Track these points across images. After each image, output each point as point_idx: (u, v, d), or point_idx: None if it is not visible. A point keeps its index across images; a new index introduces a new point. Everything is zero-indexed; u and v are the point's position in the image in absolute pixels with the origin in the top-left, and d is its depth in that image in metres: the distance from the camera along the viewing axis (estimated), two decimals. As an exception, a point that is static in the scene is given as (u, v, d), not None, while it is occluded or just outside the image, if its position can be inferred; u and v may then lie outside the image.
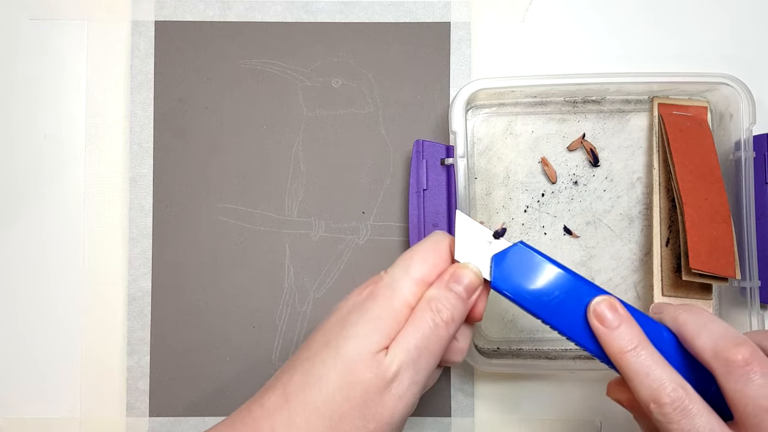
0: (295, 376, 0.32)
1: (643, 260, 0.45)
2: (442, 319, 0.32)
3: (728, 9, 0.46)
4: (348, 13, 0.46)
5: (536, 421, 0.45)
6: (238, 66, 0.46)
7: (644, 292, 0.45)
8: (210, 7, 0.46)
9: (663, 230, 0.43)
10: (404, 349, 0.32)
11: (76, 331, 0.45)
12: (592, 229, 0.45)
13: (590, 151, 0.45)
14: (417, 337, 0.32)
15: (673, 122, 0.43)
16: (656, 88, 0.44)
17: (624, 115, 0.46)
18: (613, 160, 0.45)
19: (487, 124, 0.46)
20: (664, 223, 0.43)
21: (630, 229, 0.45)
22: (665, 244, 0.43)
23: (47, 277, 0.46)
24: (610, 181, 0.45)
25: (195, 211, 0.45)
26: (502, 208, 0.45)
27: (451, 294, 0.33)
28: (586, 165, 0.45)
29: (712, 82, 0.43)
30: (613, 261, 0.45)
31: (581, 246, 0.45)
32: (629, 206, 0.45)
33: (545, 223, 0.45)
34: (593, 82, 0.43)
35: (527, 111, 0.46)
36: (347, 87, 0.46)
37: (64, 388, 0.45)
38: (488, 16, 0.46)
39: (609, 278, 0.45)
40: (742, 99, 0.42)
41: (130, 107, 0.46)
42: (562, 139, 0.45)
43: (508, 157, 0.46)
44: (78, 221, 0.46)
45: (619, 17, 0.47)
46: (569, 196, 0.45)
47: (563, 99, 0.45)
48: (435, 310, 0.32)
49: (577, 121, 0.46)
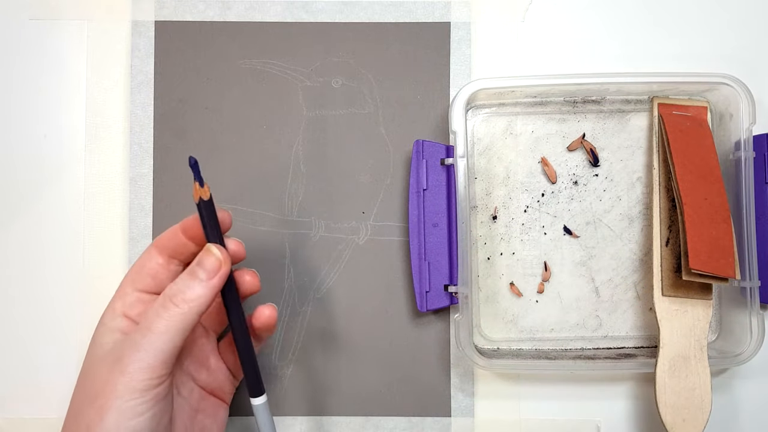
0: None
1: (643, 260, 0.45)
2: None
3: (728, 9, 0.46)
4: (348, 13, 0.46)
5: (536, 421, 0.45)
6: (238, 66, 0.46)
7: (644, 292, 0.45)
8: (210, 7, 0.46)
9: (663, 230, 0.43)
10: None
11: (76, 332, 0.45)
12: (592, 229, 0.45)
13: (590, 151, 0.45)
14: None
15: (673, 122, 0.43)
16: (656, 88, 0.44)
17: (624, 115, 0.46)
18: (613, 160, 0.45)
19: (487, 124, 0.46)
20: (664, 223, 0.43)
21: (630, 229, 0.45)
22: (665, 244, 0.43)
23: (47, 277, 0.46)
24: (610, 181, 0.45)
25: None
26: (503, 208, 0.45)
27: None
28: (586, 165, 0.45)
29: (712, 82, 0.43)
30: (613, 261, 0.45)
31: (581, 246, 0.45)
32: (629, 206, 0.45)
33: (545, 223, 0.45)
34: (593, 82, 0.43)
35: (527, 111, 0.46)
36: (347, 87, 0.46)
37: (64, 388, 0.45)
38: (488, 16, 0.46)
39: (609, 278, 0.45)
40: (742, 99, 0.42)
41: (130, 107, 0.46)
42: (562, 138, 0.45)
43: (508, 157, 0.46)
44: (78, 221, 0.46)
45: (619, 17, 0.47)
46: (569, 196, 0.45)
47: (563, 99, 0.45)
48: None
49: (577, 121, 0.46)
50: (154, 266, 0.37)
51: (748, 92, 0.42)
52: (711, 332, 0.45)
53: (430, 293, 0.43)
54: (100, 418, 0.33)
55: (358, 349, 0.45)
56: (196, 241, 0.37)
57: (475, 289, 0.45)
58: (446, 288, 0.43)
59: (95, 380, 0.34)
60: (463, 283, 0.42)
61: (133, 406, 0.33)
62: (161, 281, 0.38)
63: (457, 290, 0.42)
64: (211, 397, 0.40)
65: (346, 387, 0.45)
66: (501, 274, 0.45)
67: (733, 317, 0.44)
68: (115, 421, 0.33)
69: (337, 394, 0.45)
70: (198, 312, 0.34)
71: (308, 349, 0.45)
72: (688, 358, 0.41)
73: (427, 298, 0.43)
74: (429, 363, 0.45)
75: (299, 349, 0.45)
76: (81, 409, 0.34)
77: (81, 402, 0.35)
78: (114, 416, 0.33)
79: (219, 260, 0.35)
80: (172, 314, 0.34)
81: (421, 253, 0.43)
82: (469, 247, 0.43)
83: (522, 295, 0.45)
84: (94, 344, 0.37)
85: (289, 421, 0.45)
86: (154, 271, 0.37)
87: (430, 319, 0.45)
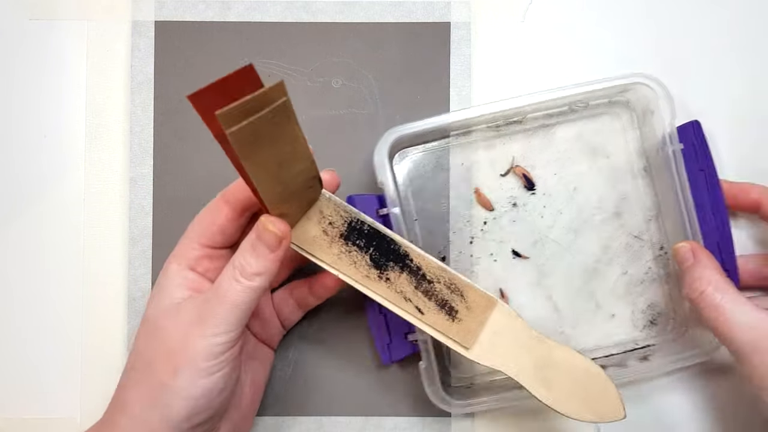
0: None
1: (595, 268, 0.45)
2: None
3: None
4: (348, 13, 0.46)
5: (536, 421, 0.45)
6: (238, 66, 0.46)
7: (603, 300, 0.45)
8: (210, 7, 0.46)
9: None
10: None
11: (76, 331, 0.45)
12: (540, 247, 0.45)
13: (523, 176, 0.45)
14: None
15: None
16: (575, 99, 0.44)
17: (549, 128, 0.45)
18: (546, 176, 0.45)
19: (417, 165, 0.45)
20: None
21: (577, 240, 0.45)
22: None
23: (47, 277, 0.46)
24: (549, 196, 0.45)
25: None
26: (450, 243, 0.45)
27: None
28: (522, 186, 0.45)
29: (628, 83, 0.43)
30: (566, 275, 0.45)
31: (533, 266, 0.45)
32: (571, 218, 0.45)
33: (493, 251, 0.45)
34: (510, 108, 0.42)
35: (453, 144, 0.45)
36: (347, 87, 0.46)
37: (64, 388, 0.45)
38: (488, 16, 0.46)
39: (566, 292, 0.45)
40: (659, 95, 0.42)
41: (130, 107, 0.46)
42: (492, 164, 0.45)
43: (443, 193, 0.45)
44: (78, 221, 0.46)
45: (618, 16, 0.47)
46: (511, 219, 0.45)
47: (486, 126, 0.45)
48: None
49: (504, 144, 0.45)
50: (223, 221, 0.38)
51: (665, 88, 0.42)
52: (677, 328, 0.45)
53: (392, 345, 0.43)
54: (175, 375, 0.34)
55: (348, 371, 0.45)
56: None
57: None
58: (406, 336, 0.42)
59: (170, 336, 0.35)
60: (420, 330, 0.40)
61: (208, 367, 0.34)
62: (229, 236, 0.38)
63: (416, 338, 0.42)
64: (261, 345, 0.42)
65: (347, 387, 0.45)
66: None
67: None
68: (189, 379, 0.34)
69: (338, 394, 0.45)
70: (268, 281, 0.35)
71: (309, 349, 0.45)
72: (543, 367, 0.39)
73: (389, 350, 0.43)
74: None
75: (299, 349, 0.45)
76: (154, 362, 0.35)
77: (154, 354, 0.35)
78: (188, 375, 0.34)
79: (278, 236, 0.35)
80: (244, 287, 0.35)
81: (375, 306, 0.42)
82: None
83: None
84: (161, 294, 0.37)
85: (289, 421, 0.45)
86: (223, 226, 0.38)
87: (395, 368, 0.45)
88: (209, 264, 0.38)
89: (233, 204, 0.38)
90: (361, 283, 0.38)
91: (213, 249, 0.38)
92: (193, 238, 0.38)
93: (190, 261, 0.38)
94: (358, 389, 0.45)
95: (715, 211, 0.43)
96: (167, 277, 0.38)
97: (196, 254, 0.38)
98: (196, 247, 0.38)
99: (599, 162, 0.45)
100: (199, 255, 0.38)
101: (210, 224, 0.38)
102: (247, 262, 0.35)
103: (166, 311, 0.37)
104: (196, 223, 0.38)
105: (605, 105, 0.45)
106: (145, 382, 0.35)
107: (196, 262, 0.38)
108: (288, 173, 0.32)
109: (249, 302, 0.35)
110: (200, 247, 0.38)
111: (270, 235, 0.35)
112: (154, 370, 0.35)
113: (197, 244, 0.38)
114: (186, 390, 0.34)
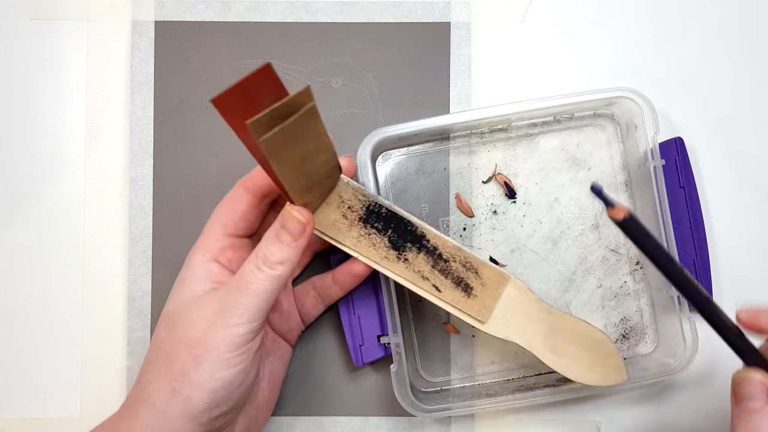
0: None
1: (572, 279, 0.45)
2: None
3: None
4: (348, 13, 0.46)
5: (536, 421, 0.45)
6: (238, 66, 0.46)
7: (578, 310, 0.45)
8: (210, 7, 0.46)
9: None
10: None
11: (76, 331, 0.45)
12: (517, 256, 0.45)
13: (505, 184, 0.45)
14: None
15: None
16: (561, 110, 0.44)
17: (533, 138, 0.45)
18: (528, 185, 0.45)
19: (399, 168, 0.45)
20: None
21: (555, 250, 0.45)
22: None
23: (47, 277, 0.46)
24: (529, 205, 0.45)
25: (195, 211, 0.45)
26: None
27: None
28: (503, 193, 0.45)
29: (612, 97, 0.43)
30: (543, 284, 0.45)
31: (510, 274, 0.45)
32: (551, 228, 0.45)
33: None
34: (495, 115, 0.42)
35: (436, 149, 0.45)
36: (347, 87, 0.46)
37: (64, 388, 0.45)
38: (488, 16, 0.46)
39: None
40: (643, 110, 0.42)
41: (130, 107, 0.46)
42: (475, 171, 0.45)
43: (424, 197, 0.45)
44: (78, 221, 0.46)
45: (618, 16, 0.47)
46: (491, 226, 0.45)
47: (470, 132, 0.45)
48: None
49: (488, 151, 0.45)
50: (245, 207, 0.38)
51: (649, 103, 0.42)
52: (648, 343, 0.45)
53: (364, 346, 0.43)
54: (197, 366, 0.34)
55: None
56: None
57: (407, 334, 0.44)
58: (379, 339, 0.43)
59: (192, 327, 0.35)
60: (393, 332, 0.41)
61: (229, 359, 0.35)
62: (252, 223, 0.39)
63: (388, 340, 0.42)
64: (280, 339, 0.42)
65: (347, 387, 0.45)
66: (434, 314, 0.45)
67: (668, 322, 0.44)
68: (210, 369, 0.34)
69: (338, 394, 0.45)
70: (290, 270, 0.36)
71: (308, 349, 0.45)
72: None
73: (361, 352, 0.43)
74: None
75: (300, 349, 0.45)
76: (175, 354, 0.35)
77: (175, 346, 0.36)
78: (209, 366, 0.34)
79: (302, 222, 0.35)
80: (267, 275, 0.35)
81: (349, 307, 0.43)
82: (395, 296, 0.41)
83: (459, 332, 0.45)
84: (184, 286, 0.38)
85: (290, 421, 0.45)
86: (245, 213, 0.38)
87: (367, 370, 0.45)
88: (232, 254, 0.38)
89: (253, 191, 0.38)
90: (380, 264, 0.39)
91: (236, 238, 0.39)
92: (216, 228, 0.38)
93: (214, 252, 0.38)
94: (358, 389, 0.45)
95: (694, 229, 0.43)
96: (191, 268, 0.38)
97: (220, 245, 0.38)
98: (220, 237, 0.38)
99: (581, 174, 0.45)
100: (222, 245, 0.38)
101: (232, 212, 0.38)
102: (270, 252, 0.35)
103: (188, 304, 0.37)
104: (217, 214, 0.39)
105: (590, 117, 0.45)
106: (166, 373, 0.35)
107: (220, 253, 0.38)
108: (311, 165, 0.33)
109: (271, 291, 0.35)
110: (224, 236, 0.38)
111: (295, 223, 0.35)
112: (175, 361, 0.35)
113: (221, 234, 0.38)
114: (207, 382, 0.34)
